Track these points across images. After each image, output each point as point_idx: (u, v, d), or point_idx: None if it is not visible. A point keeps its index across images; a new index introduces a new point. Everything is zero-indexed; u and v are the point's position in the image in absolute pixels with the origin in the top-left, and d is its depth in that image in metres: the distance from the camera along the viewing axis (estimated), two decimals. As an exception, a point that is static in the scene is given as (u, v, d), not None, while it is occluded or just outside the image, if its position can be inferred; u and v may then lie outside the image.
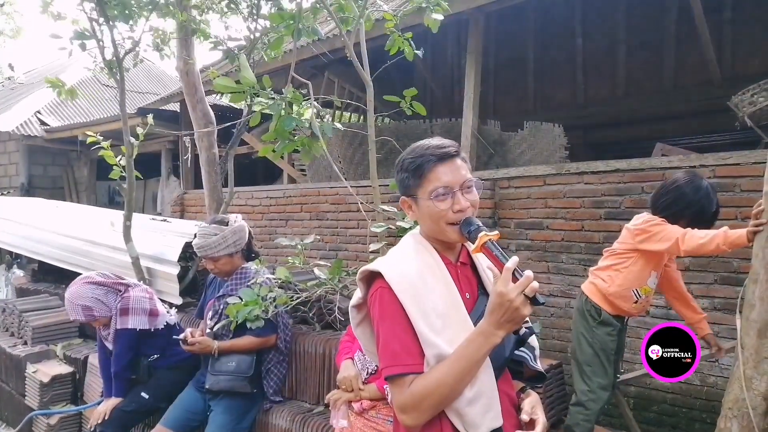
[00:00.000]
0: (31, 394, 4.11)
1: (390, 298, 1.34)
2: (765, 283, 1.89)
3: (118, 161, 4.22)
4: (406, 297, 1.33)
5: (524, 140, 5.93)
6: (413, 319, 1.32)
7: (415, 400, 1.29)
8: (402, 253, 1.46)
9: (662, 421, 4.16)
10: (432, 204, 1.39)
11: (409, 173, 1.42)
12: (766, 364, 1.85)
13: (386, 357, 1.34)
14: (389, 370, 1.33)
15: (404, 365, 1.31)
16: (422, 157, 1.41)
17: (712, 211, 2.71)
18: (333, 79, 8.52)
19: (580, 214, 4.58)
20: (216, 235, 3.04)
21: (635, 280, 2.85)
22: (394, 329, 1.33)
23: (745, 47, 6.31)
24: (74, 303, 3.27)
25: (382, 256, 1.51)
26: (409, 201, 1.46)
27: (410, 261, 1.41)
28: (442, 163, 1.40)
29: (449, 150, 1.41)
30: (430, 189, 1.39)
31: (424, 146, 1.43)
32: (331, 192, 6.58)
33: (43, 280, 5.95)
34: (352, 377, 2.33)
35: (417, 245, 1.47)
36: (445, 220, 1.39)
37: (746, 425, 1.87)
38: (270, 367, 3.10)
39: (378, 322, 1.36)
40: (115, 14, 3.91)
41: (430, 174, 1.39)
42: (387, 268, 1.38)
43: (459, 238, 1.41)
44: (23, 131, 11.54)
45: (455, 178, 1.39)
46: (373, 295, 1.39)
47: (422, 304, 1.33)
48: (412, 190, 1.43)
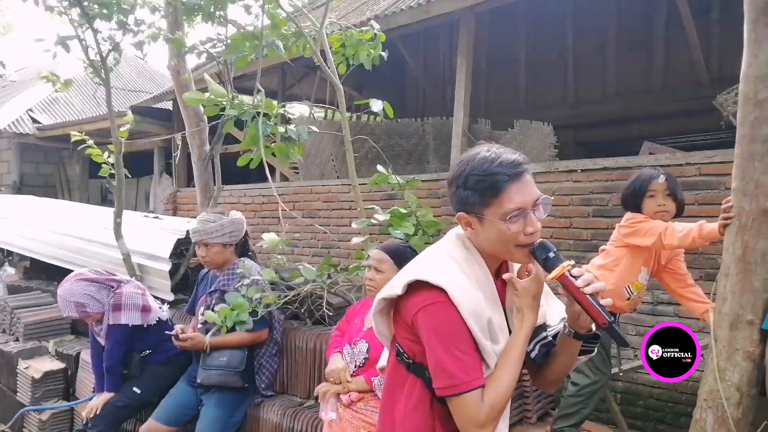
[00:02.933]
0: (22, 390, 4.13)
1: (451, 316, 1.28)
2: (736, 276, 1.95)
3: (107, 159, 4.24)
4: (469, 316, 1.28)
5: (514, 139, 5.99)
6: (477, 337, 1.29)
7: (494, 411, 1.27)
8: (453, 261, 1.36)
9: (648, 415, 4.23)
10: (504, 227, 1.27)
11: (477, 192, 1.29)
12: (738, 355, 1.91)
13: (445, 375, 1.28)
14: (460, 387, 1.27)
15: (473, 380, 1.27)
16: (493, 176, 1.27)
17: (642, 182, 2.79)
18: (324, 78, 8.55)
19: (568, 212, 4.64)
20: (214, 222, 3.09)
21: (627, 276, 2.91)
22: (459, 345, 1.28)
23: (733, 48, 6.36)
24: (67, 300, 3.29)
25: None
26: (470, 219, 1.34)
27: (465, 274, 1.34)
28: (515, 182, 1.27)
29: (522, 168, 1.29)
30: (502, 211, 1.27)
31: (493, 160, 1.29)
32: (323, 190, 6.63)
33: (35, 277, 5.95)
34: (340, 370, 2.38)
35: (467, 254, 1.38)
36: (515, 242, 1.30)
37: (720, 416, 1.93)
38: (262, 361, 3.13)
39: (435, 336, 1.29)
40: (94, 13, 3.92)
41: (503, 195, 1.27)
42: (449, 283, 1.29)
43: (527, 260, 1.33)
44: (15, 129, 11.51)
45: (527, 198, 1.28)
46: (428, 308, 1.30)
47: (482, 321, 1.31)
48: (477, 209, 1.31)
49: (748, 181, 1.94)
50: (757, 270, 1.91)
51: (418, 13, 5.61)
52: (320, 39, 3.36)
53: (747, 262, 1.92)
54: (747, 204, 1.94)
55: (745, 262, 1.93)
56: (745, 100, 1.95)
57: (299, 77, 9.30)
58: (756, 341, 1.91)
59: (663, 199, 2.75)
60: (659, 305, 4.10)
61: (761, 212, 1.90)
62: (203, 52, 4.08)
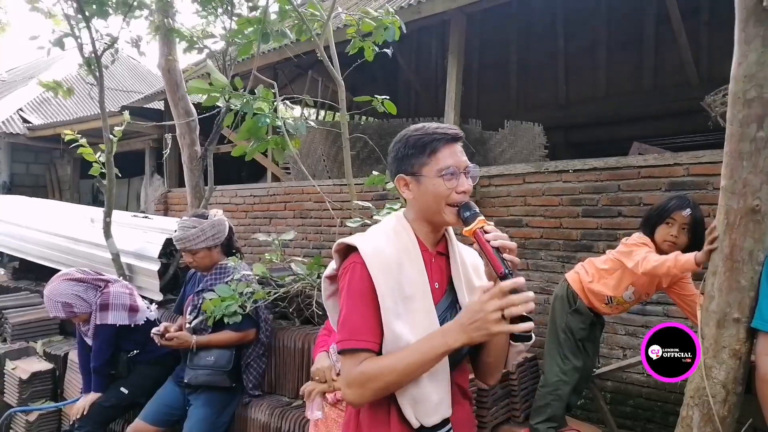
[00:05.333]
0: (10, 391, 4.09)
1: (362, 274, 1.33)
2: (723, 275, 1.95)
3: (98, 158, 4.22)
4: (377, 274, 1.32)
5: (504, 139, 6.00)
6: (381, 296, 1.31)
7: (361, 379, 1.29)
8: (381, 231, 1.45)
9: (638, 414, 4.24)
10: (440, 182, 1.37)
11: (417, 149, 1.40)
12: (724, 353, 1.92)
13: (345, 330, 1.33)
14: (345, 344, 1.32)
15: (360, 341, 1.31)
16: (431, 136, 1.39)
17: (666, 208, 2.79)
18: (317, 78, 8.56)
19: (558, 212, 4.65)
20: (194, 228, 3.05)
21: (612, 289, 2.98)
22: (359, 305, 1.33)
23: (722, 49, 6.41)
24: (54, 300, 3.26)
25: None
26: (407, 179, 1.43)
27: (387, 240, 1.41)
28: (450, 144, 1.39)
29: (457, 133, 1.42)
30: (439, 167, 1.37)
31: (431, 126, 1.42)
32: (314, 190, 6.61)
33: (24, 277, 5.92)
34: (325, 368, 2.36)
35: (397, 226, 1.45)
36: (447, 200, 1.38)
37: (707, 413, 1.93)
38: (250, 361, 3.12)
39: (345, 295, 1.36)
40: (93, 10, 3.91)
41: (440, 152, 1.38)
42: (363, 243, 1.37)
43: (455, 220, 1.40)
44: (5, 129, 11.44)
45: (460, 161, 1.39)
46: (346, 268, 1.38)
47: (391, 283, 1.33)
48: (415, 167, 1.40)
49: (737, 179, 1.94)
50: (744, 268, 1.91)
51: (409, 14, 5.61)
52: (325, 33, 3.35)
53: (734, 260, 1.93)
54: (735, 202, 1.94)
55: (733, 260, 1.93)
56: (734, 99, 1.96)
57: (291, 78, 9.28)
58: (742, 339, 1.92)
59: (678, 231, 2.76)
60: (648, 305, 4.11)
61: (749, 211, 1.90)
62: (203, 48, 4.07)
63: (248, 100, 2.77)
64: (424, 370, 1.30)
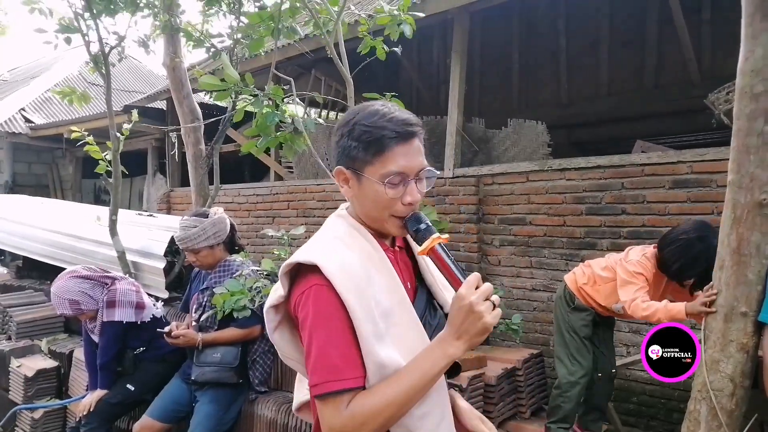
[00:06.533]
0: (15, 389, 4.11)
1: (328, 298, 1.10)
2: (730, 269, 1.96)
3: (104, 156, 4.25)
4: (349, 296, 1.09)
5: (508, 138, 6.01)
6: (357, 321, 1.09)
7: (356, 423, 1.06)
8: (334, 239, 1.21)
9: (642, 411, 4.25)
10: (381, 190, 1.15)
11: (360, 144, 1.16)
12: (732, 347, 1.93)
13: (320, 370, 1.08)
14: (325, 387, 1.07)
15: (343, 380, 1.07)
16: (381, 130, 1.15)
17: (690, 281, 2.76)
18: (320, 77, 8.55)
19: (561, 210, 4.66)
20: (195, 227, 3.05)
21: (604, 299, 3.02)
22: (332, 336, 1.09)
23: (724, 47, 6.42)
24: (61, 297, 3.27)
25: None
26: (348, 174, 1.21)
27: (347, 250, 1.17)
28: (402, 143, 1.16)
29: (413, 128, 1.17)
30: (383, 172, 1.15)
31: (384, 115, 1.16)
32: (318, 189, 6.62)
33: (28, 276, 5.94)
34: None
35: (350, 229, 1.23)
36: (390, 211, 1.18)
37: (714, 407, 1.95)
38: (256, 357, 3.12)
39: (311, 326, 1.10)
40: (100, 8, 3.92)
41: (387, 153, 1.15)
42: (325, 260, 1.12)
43: (400, 233, 1.22)
44: (7, 129, 11.46)
45: (412, 164, 1.17)
46: (304, 294, 1.12)
47: (365, 302, 1.11)
48: (357, 164, 1.18)
49: (744, 174, 1.96)
50: (751, 262, 1.93)
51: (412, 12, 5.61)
52: (335, 31, 3.36)
53: (741, 254, 1.94)
54: (742, 197, 1.96)
55: (740, 254, 1.94)
56: (741, 93, 1.97)
57: (294, 77, 9.27)
58: (750, 333, 1.93)
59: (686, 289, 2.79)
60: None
61: (756, 205, 1.91)
62: (211, 47, 4.09)
63: (260, 97, 2.79)
64: (426, 391, 1.11)
